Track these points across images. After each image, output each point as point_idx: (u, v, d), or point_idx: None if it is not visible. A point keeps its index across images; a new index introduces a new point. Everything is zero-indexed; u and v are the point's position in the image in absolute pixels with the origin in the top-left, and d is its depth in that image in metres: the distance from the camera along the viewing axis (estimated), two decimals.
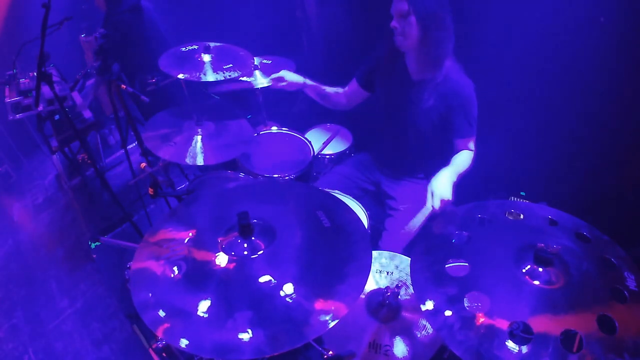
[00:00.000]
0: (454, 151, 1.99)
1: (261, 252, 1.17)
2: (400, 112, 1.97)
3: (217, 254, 1.17)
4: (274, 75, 2.19)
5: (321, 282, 1.09)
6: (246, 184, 1.82)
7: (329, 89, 2.26)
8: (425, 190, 2.08)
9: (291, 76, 2.18)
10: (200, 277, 1.12)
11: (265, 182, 1.91)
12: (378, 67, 2.03)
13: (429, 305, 1.05)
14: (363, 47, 2.34)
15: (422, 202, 2.07)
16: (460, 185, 2.17)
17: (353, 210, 1.32)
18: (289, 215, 1.31)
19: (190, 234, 1.24)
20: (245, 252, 1.17)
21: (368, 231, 1.86)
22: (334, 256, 1.16)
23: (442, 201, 1.68)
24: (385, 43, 1.95)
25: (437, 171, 2.15)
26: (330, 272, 1.11)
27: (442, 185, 1.73)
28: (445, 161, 2.09)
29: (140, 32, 2.85)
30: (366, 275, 1.09)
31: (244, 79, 2.51)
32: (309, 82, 2.21)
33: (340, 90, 2.27)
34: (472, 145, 1.98)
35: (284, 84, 2.18)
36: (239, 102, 3.06)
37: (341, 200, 1.37)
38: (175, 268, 1.14)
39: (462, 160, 1.91)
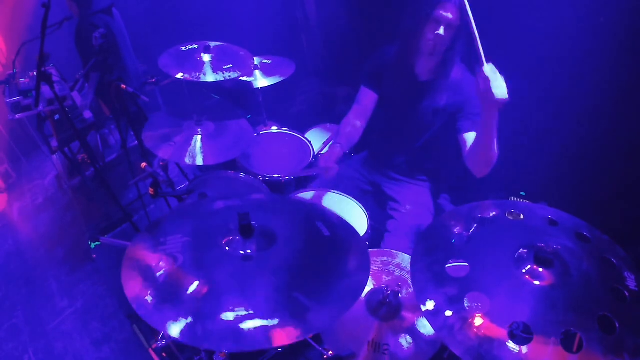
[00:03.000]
0: (459, 148, 1.93)
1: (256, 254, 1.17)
2: (404, 111, 1.97)
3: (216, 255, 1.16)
4: (324, 165, 1.94)
5: (320, 286, 1.09)
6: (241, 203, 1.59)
7: (348, 128, 2.09)
8: (427, 194, 2.10)
9: (332, 157, 1.95)
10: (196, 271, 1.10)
11: (260, 199, 1.68)
12: (385, 68, 2.01)
13: (429, 305, 1.05)
14: (362, 47, 2.34)
15: (424, 205, 2.08)
16: (461, 185, 2.18)
17: (351, 226, 1.32)
18: (288, 229, 1.29)
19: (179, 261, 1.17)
20: (242, 252, 1.17)
21: (368, 231, 1.87)
22: (332, 262, 1.17)
23: (491, 87, 1.41)
24: (392, 44, 1.94)
25: (439, 173, 2.15)
26: (329, 278, 1.11)
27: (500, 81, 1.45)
28: (447, 164, 2.09)
29: (114, 34, 2.89)
30: (364, 282, 1.10)
31: (245, 79, 2.52)
32: (339, 143, 2.02)
33: (350, 119, 2.10)
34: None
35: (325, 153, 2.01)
36: (239, 102, 3.07)
37: (340, 217, 1.36)
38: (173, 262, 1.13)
39: None
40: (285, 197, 1.99)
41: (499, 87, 1.42)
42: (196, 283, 1.05)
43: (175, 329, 0.96)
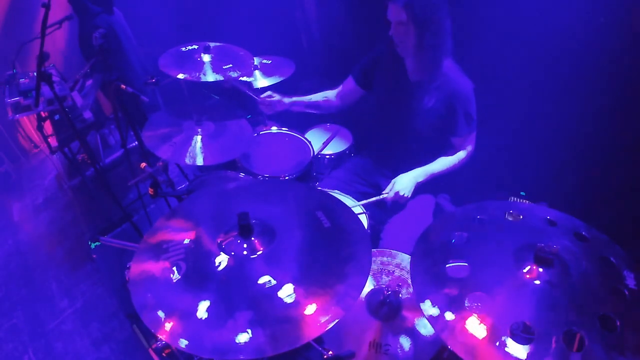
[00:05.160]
0: (451, 149, 2.00)
1: (260, 252, 1.17)
2: (399, 112, 1.98)
3: (217, 255, 1.16)
4: (263, 96, 2.24)
5: (321, 282, 1.08)
6: (246, 185, 1.82)
7: (316, 97, 2.29)
8: (427, 193, 2.10)
9: (278, 96, 2.25)
10: (200, 278, 1.11)
11: (265, 182, 1.91)
12: (377, 66, 2.04)
13: (429, 306, 1.05)
14: (362, 47, 2.33)
15: (424, 203, 2.08)
16: (461, 185, 2.18)
17: (352, 210, 1.32)
18: (288, 215, 1.31)
19: (190, 235, 1.24)
20: (245, 252, 1.17)
21: (368, 231, 1.87)
22: (334, 256, 1.16)
23: (397, 194, 1.89)
24: (385, 43, 1.95)
25: None
26: (330, 272, 1.11)
27: (404, 181, 1.92)
28: None
29: (117, 33, 2.89)
30: (366, 275, 1.09)
31: (244, 79, 2.52)
32: (295, 99, 2.26)
33: (329, 93, 2.29)
34: (469, 143, 1.99)
35: (275, 97, 2.23)
36: (239, 102, 3.07)
37: (340, 201, 1.37)
38: (174, 268, 1.14)
39: (441, 164, 2.00)
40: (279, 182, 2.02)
41: (403, 190, 1.89)
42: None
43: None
